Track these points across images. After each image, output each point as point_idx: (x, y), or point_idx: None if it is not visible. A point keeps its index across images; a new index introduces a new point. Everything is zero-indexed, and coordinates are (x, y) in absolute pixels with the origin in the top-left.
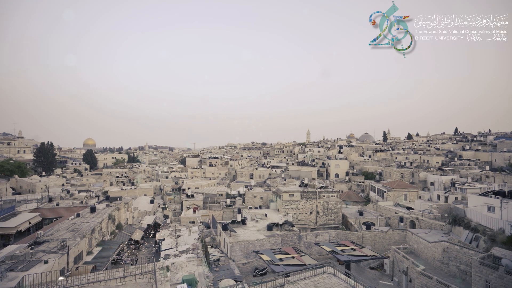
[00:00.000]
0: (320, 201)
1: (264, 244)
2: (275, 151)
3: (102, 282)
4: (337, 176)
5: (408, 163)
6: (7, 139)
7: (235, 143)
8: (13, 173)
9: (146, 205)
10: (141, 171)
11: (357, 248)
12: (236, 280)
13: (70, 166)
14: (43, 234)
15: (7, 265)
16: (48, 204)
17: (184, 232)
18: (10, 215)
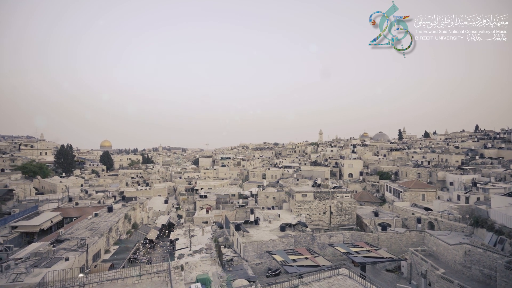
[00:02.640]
0: (334, 201)
1: (277, 245)
2: (287, 151)
3: (119, 280)
4: (351, 176)
5: (425, 162)
6: (31, 142)
7: (247, 143)
8: (36, 174)
9: (161, 205)
10: (155, 172)
11: (372, 250)
12: (250, 280)
13: (88, 167)
14: (64, 232)
15: (31, 262)
16: (68, 203)
17: (197, 232)
18: (33, 214)
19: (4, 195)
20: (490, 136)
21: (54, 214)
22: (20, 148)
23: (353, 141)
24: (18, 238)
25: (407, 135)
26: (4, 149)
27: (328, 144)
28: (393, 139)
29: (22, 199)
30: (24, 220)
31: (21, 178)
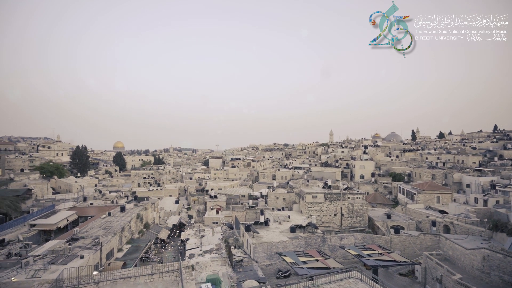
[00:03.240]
0: (345, 203)
1: (287, 246)
2: (297, 152)
3: (132, 278)
4: (362, 177)
5: (440, 163)
6: (48, 143)
7: (257, 144)
8: (53, 174)
9: (172, 206)
10: (167, 173)
11: (385, 253)
12: (260, 281)
13: (101, 167)
14: (79, 231)
15: (49, 259)
16: (83, 203)
17: (208, 232)
18: (51, 213)
19: (23, 194)
20: (510, 137)
21: (70, 213)
22: (38, 149)
23: (365, 142)
24: (36, 236)
25: (420, 136)
26: (23, 150)
27: (339, 145)
28: (406, 139)
29: (40, 198)
30: (42, 219)
31: (39, 178)
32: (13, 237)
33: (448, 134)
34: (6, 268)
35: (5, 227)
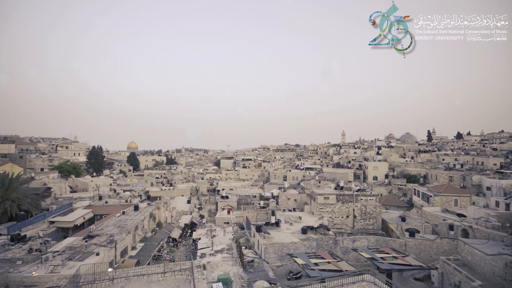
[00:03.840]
0: (358, 204)
1: (299, 247)
2: (308, 153)
3: (145, 276)
4: (376, 178)
5: (458, 165)
6: (66, 143)
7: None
8: (70, 174)
9: (183, 205)
10: (179, 173)
11: (399, 257)
12: (271, 282)
13: (116, 167)
14: (95, 229)
15: (67, 255)
16: (98, 201)
17: (219, 232)
18: (68, 211)
19: (43, 192)
20: None
21: (86, 211)
22: (57, 149)
23: (378, 143)
24: (55, 233)
25: (437, 136)
26: (43, 150)
27: (351, 145)
28: (421, 140)
29: (58, 196)
30: (60, 216)
31: (57, 177)
32: (34, 233)
33: (467, 135)
34: (27, 263)
35: (27, 224)
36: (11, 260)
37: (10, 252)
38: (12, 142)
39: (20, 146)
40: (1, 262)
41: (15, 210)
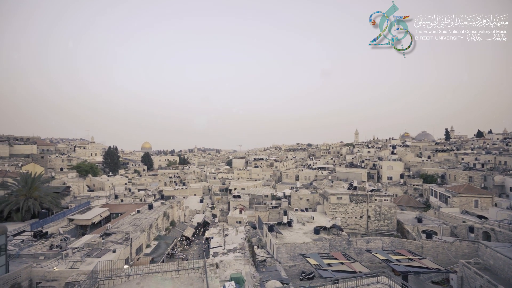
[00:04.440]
0: (372, 205)
1: (311, 248)
2: (321, 152)
3: (159, 273)
4: (390, 178)
5: (478, 164)
6: (83, 144)
7: (279, 144)
8: (88, 173)
9: (196, 204)
10: (191, 172)
11: (416, 259)
12: (283, 282)
13: (131, 167)
14: (111, 226)
15: (85, 251)
16: (114, 200)
17: (231, 231)
18: (86, 209)
19: (63, 191)
20: None
21: (103, 210)
22: (75, 149)
23: (393, 142)
24: (74, 230)
25: (455, 135)
26: (62, 150)
27: (364, 144)
28: (438, 139)
29: (77, 195)
30: (79, 214)
31: (76, 176)
32: (55, 230)
33: (488, 133)
34: (49, 258)
35: (48, 221)
36: (34, 255)
37: (33, 248)
38: (34, 143)
39: (41, 147)
40: (25, 257)
41: (37, 208)
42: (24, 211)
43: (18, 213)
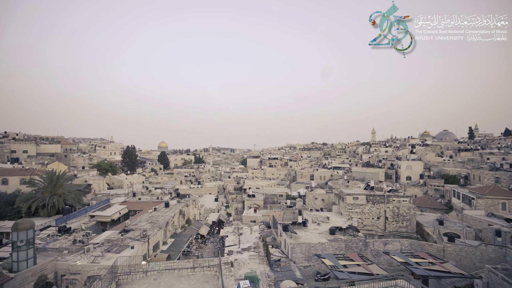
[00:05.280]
0: (389, 205)
1: (326, 248)
2: (336, 152)
3: (176, 270)
4: (409, 178)
5: (506, 165)
6: (103, 143)
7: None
8: (107, 172)
9: (211, 203)
10: (206, 171)
11: (437, 262)
12: (298, 282)
13: (148, 166)
14: (130, 223)
15: (105, 247)
16: (132, 198)
17: (245, 230)
18: (106, 206)
19: (85, 188)
20: None
21: (122, 207)
22: (96, 148)
23: (412, 141)
24: (95, 226)
25: (480, 134)
26: (84, 149)
27: (382, 144)
28: (461, 138)
29: (97, 192)
30: (99, 211)
31: (96, 174)
32: (77, 226)
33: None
34: (72, 253)
35: (71, 217)
36: (59, 249)
37: (58, 242)
38: (58, 142)
39: (65, 146)
40: (51, 251)
41: (61, 204)
42: (49, 207)
43: (44, 209)
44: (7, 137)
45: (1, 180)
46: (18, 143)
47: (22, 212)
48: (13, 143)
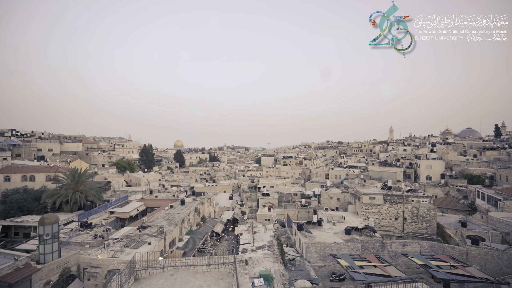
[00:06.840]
0: (408, 206)
1: (342, 248)
2: (352, 150)
3: (191, 266)
4: (429, 178)
5: None
6: (122, 142)
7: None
8: (125, 169)
9: (226, 201)
10: (221, 170)
11: (459, 266)
12: (312, 282)
13: (164, 164)
14: (147, 220)
15: (124, 242)
16: (149, 195)
17: (260, 229)
18: (124, 203)
19: (104, 186)
20: None
21: (139, 204)
22: (115, 147)
23: (432, 139)
24: (114, 222)
25: (507, 131)
26: (104, 148)
27: (400, 142)
28: (486, 136)
29: (116, 189)
30: (118, 207)
31: (115, 172)
32: (98, 221)
33: None
34: (93, 247)
35: (92, 213)
36: (81, 243)
37: (80, 237)
38: (79, 141)
39: (86, 145)
40: (74, 245)
41: (83, 201)
42: (72, 203)
43: (67, 205)
44: (33, 136)
45: (29, 177)
46: (43, 142)
47: (48, 207)
48: (39, 142)
